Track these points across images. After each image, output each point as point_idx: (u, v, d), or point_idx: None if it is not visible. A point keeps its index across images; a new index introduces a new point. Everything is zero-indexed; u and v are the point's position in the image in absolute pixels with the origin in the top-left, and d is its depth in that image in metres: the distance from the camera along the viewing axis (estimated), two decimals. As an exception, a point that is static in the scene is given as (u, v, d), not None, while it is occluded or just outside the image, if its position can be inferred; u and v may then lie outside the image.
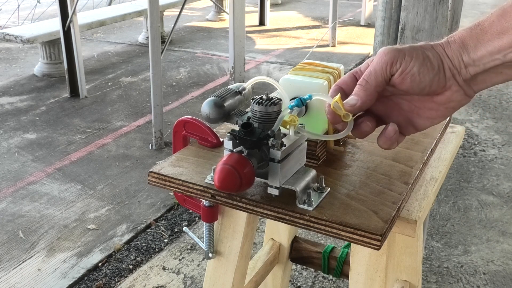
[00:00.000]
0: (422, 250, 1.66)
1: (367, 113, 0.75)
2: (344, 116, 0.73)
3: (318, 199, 0.75)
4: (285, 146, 0.71)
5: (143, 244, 2.21)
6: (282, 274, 1.41)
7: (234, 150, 0.72)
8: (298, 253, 1.37)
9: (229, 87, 0.82)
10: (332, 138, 0.86)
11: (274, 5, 7.32)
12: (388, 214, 0.72)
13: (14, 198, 2.53)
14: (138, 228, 2.32)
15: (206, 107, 0.78)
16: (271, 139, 0.70)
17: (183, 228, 1.60)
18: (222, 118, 0.79)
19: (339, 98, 0.72)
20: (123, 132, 3.30)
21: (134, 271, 2.04)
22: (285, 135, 0.75)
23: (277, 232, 1.35)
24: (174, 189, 0.83)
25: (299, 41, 5.63)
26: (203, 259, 2.10)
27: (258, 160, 0.71)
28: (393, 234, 0.83)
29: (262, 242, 1.62)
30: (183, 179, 0.81)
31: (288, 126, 0.74)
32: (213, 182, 0.75)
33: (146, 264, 2.09)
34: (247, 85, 0.83)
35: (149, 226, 2.33)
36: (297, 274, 2.00)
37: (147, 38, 3.87)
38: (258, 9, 6.31)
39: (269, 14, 6.37)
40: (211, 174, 0.80)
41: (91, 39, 5.50)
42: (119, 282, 1.98)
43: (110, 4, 5.85)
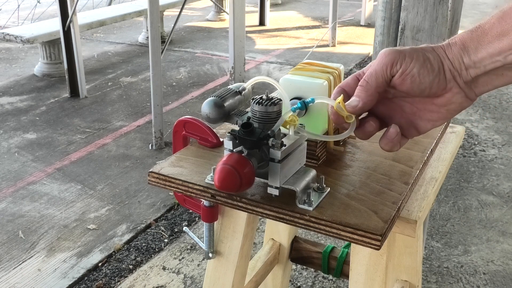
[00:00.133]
0: (422, 250, 1.66)
1: (370, 114, 0.76)
2: (347, 117, 0.73)
3: (318, 199, 0.75)
4: (285, 146, 0.71)
5: (143, 244, 2.21)
6: (282, 274, 1.41)
7: (234, 150, 0.72)
8: (298, 253, 1.37)
9: (229, 87, 0.82)
10: (332, 139, 0.86)
11: (274, 5, 7.32)
12: (388, 214, 0.72)
13: (14, 198, 2.53)
14: (138, 228, 2.32)
15: (206, 107, 0.78)
16: (271, 139, 0.70)
17: (183, 228, 1.60)
18: (222, 118, 0.79)
19: (341, 100, 0.72)
20: (123, 132, 3.30)
21: (134, 271, 2.04)
22: (285, 135, 0.75)
23: (277, 232, 1.35)
24: (174, 189, 0.83)
25: (299, 41, 5.63)
26: (203, 259, 2.10)
27: (258, 160, 0.71)
28: (393, 234, 0.83)
29: (262, 242, 1.62)
30: (183, 179, 0.81)
31: (288, 126, 0.74)
32: (213, 182, 0.75)
33: (146, 264, 2.09)
34: (247, 85, 0.83)
35: (149, 226, 2.33)
36: (297, 274, 2.00)
37: (147, 38, 3.87)
38: (258, 9, 6.31)
39: (269, 14, 6.37)
40: (211, 174, 0.80)
41: (91, 39, 5.50)
42: (119, 282, 1.98)
43: (110, 4, 5.85)
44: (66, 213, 2.41)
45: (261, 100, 0.73)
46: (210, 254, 0.96)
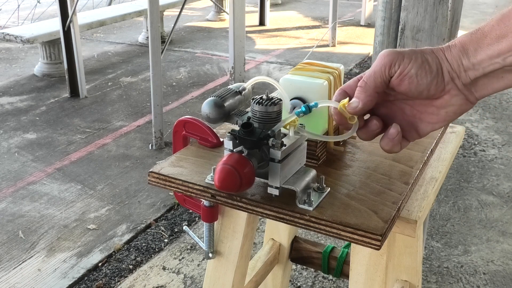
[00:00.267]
0: (422, 250, 1.66)
1: (372, 116, 0.76)
2: (349, 118, 0.74)
3: (318, 199, 0.75)
4: (285, 146, 0.71)
5: (143, 244, 2.21)
6: (282, 274, 1.41)
7: (234, 150, 0.72)
8: (298, 253, 1.37)
9: (229, 87, 0.82)
10: (333, 139, 0.86)
11: (274, 5, 7.32)
12: (388, 214, 0.72)
13: (14, 198, 2.53)
14: (138, 228, 2.32)
15: (206, 107, 0.78)
16: (271, 139, 0.70)
17: (183, 227, 1.60)
18: (222, 118, 0.79)
19: (346, 102, 0.73)
20: (123, 132, 3.30)
21: (134, 271, 2.04)
22: (285, 135, 0.75)
23: (277, 232, 1.35)
24: (174, 189, 0.83)
25: (299, 41, 5.63)
26: (203, 259, 2.10)
27: (258, 160, 0.71)
28: (393, 234, 0.83)
29: (262, 242, 1.62)
30: (183, 179, 0.81)
31: (288, 126, 0.74)
32: (213, 182, 0.75)
33: (146, 264, 2.09)
34: (247, 85, 0.83)
35: (149, 226, 2.33)
36: (297, 274, 2.00)
37: (147, 38, 3.87)
38: (258, 9, 6.31)
39: (269, 14, 6.37)
40: (211, 174, 0.80)
41: (91, 39, 5.50)
42: (119, 282, 1.98)
43: (110, 4, 5.85)
44: (66, 213, 2.41)
45: (261, 100, 0.73)
46: (210, 254, 0.96)
